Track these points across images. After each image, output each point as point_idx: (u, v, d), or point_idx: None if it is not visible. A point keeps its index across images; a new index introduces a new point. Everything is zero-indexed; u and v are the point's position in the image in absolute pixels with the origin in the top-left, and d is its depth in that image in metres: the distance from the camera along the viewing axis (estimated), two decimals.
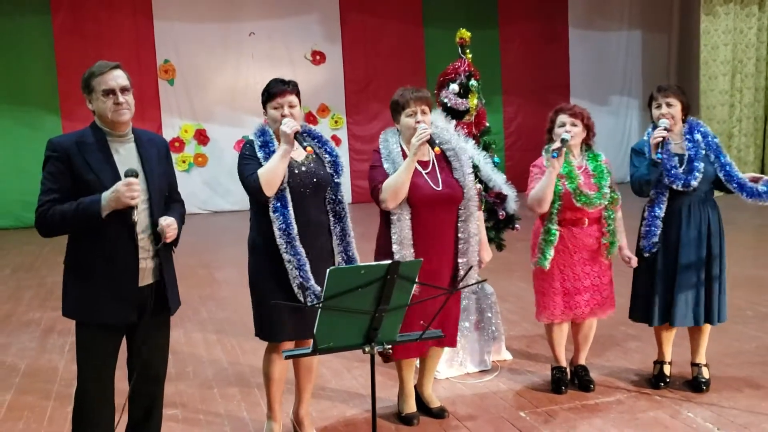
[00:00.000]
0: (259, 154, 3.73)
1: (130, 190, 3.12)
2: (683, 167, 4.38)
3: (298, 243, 3.69)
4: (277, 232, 3.69)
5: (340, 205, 3.89)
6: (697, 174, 4.35)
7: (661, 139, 4.29)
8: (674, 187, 4.38)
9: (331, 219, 3.88)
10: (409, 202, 3.98)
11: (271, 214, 3.70)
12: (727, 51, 13.94)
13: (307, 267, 3.70)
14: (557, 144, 4.25)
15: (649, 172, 4.36)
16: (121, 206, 3.13)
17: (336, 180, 3.90)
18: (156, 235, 3.30)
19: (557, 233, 4.39)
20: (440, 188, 4.04)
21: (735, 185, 4.40)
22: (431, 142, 3.88)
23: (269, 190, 3.65)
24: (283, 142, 3.67)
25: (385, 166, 4.00)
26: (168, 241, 3.30)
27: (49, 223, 3.20)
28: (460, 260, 4.11)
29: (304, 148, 3.63)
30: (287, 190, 3.71)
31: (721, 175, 4.41)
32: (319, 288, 3.65)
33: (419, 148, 3.87)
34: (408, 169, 3.90)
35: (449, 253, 4.10)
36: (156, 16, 13.11)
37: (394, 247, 3.98)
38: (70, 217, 3.17)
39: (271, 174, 3.64)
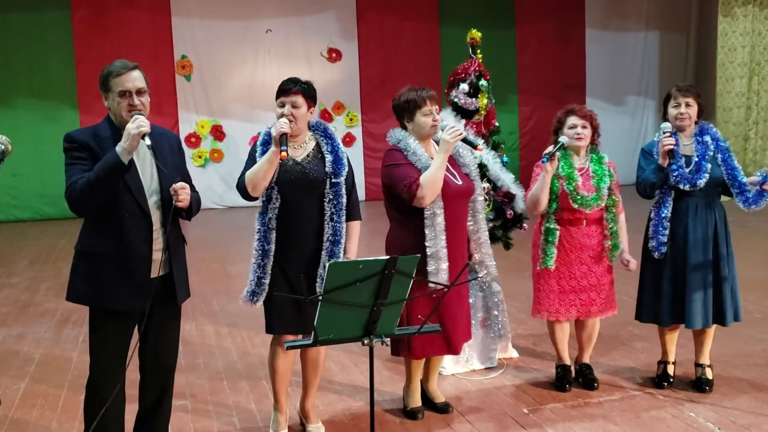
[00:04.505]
0: (257, 153, 3.84)
1: (138, 124, 3.19)
2: (690, 167, 4.41)
3: (271, 244, 3.79)
4: (257, 227, 3.81)
5: (337, 205, 3.84)
6: (704, 174, 4.36)
7: (671, 147, 4.28)
8: (681, 187, 4.39)
9: (326, 218, 3.84)
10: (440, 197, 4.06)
11: (259, 209, 3.83)
12: (745, 53, 13.82)
13: (268, 268, 3.79)
14: (550, 148, 4.32)
15: (655, 176, 4.40)
16: (136, 142, 3.18)
17: (334, 180, 3.84)
18: (168, 233, 3.38)
19: (557, 232, 4.45)
20: (460, 183, 4.15)
21: (737, 190, 4.41)
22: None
23: (254, 191, 3.74)
24: (273, 144, 3.70)
25: (418, 165, 4.03)
26: (179, 204, 3.34)
27: (79, 194, 3.22)
28: (476, 255, 4.25)
29: (281, 151, 3.60)
30: (275, 189, 3.78)
31: (726, 177, 4.42)
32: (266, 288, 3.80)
33: (452, 145, 3.98)
34: (443, 166, 4.00)
35: (463, 248, 4.22)
36: (174, 12, 13.23)
37: (428, 243, 4.02)
38: (95, 179, 3.19)
39: (255, 176, 3.72)
